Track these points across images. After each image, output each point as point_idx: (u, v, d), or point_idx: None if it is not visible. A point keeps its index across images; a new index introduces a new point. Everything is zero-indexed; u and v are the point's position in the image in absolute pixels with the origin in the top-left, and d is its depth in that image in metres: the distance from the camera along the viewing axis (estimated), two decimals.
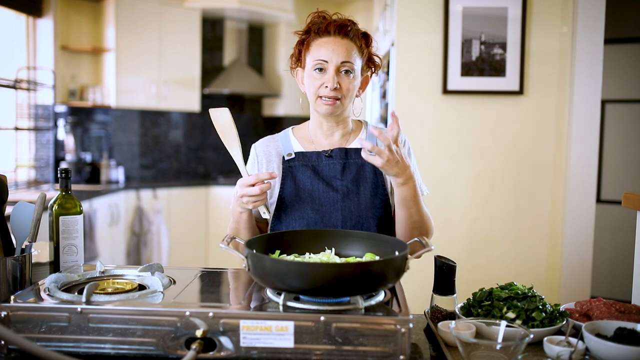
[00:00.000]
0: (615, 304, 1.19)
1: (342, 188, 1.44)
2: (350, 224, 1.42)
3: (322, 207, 1.43)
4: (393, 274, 1.04)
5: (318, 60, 1.42)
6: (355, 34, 1.45)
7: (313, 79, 1.43)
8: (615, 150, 4.09)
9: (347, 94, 1.43)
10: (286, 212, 1.44)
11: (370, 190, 1.44)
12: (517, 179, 2.84)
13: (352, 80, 1.43)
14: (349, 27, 1.44)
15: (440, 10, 2.77)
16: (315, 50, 1.43)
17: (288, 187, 1.45)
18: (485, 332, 1.05)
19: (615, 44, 3.96)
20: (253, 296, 1.10)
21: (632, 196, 1.57)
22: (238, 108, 5.82)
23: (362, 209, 1.43)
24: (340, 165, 1.46)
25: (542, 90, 2.79)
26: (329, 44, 1.42)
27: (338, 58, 1.40)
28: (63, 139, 4.70)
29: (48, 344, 1.00)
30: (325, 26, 1.43)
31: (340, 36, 1.43)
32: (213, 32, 5.58)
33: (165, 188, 4.86)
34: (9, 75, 4.11)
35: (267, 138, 1.57)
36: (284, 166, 1.48)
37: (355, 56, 1.44)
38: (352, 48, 1.43)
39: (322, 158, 1.48)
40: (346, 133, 1.51)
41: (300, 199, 1.44)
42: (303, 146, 1.51)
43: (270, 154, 1.52)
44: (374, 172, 1.46)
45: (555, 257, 2.82)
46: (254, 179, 1.29)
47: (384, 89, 3.41)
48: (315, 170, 1.46)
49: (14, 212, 1.30)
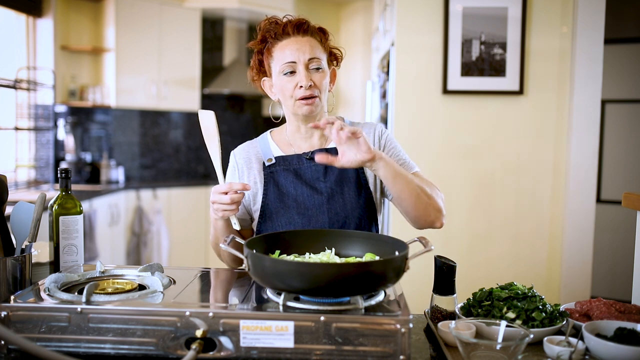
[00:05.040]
0: (615, 304, 1.19)
1: (326, 190, 1.43)
2: (337, 225, 1.41)
3: (308, 211, 1.41)
4: (393, 274, 1.04)
5: (285, 63, 1.39)
6: (313, 30, 1.44)
7: (285, 83, 1.40)
8: (615, 150, 4.08)
9: (322, 90, 1.41)
10: (272, 219, 1.42)
11: (354, 190, 1.43)
12: (517, 179, 2.84)
13: (323, 75, 1.41)
14: (306, 24, 1.43)
15: (440, 10, 2.77)
16: (278, 54, 1.41)
17: (271, 194, 1.43)
18: (485, 332, 1.05)
19: (615, 44, 3.96)
20: (253, 296, 1.10)
21: (632, 196, 1.57)
22: (238, 108, 5.82)
23: (348, 209, 1.42)
24: (322, 167, 1.44)
25: (542, 90, 2.79)
26: (292, 44, 1.40)
27: (305, 56, 1.39)
28: (63, 139, 4.70)
29: (48, 344, 1.00)
30: (282, 28, 1.42)
31: (300, 34, 1.41)
32: (213, 32, 5.58)
33: (165, 188, 4.86)
34: (9, 75, 4.11)
35: (246, 144, 1.54)
36: (265, 172, 1.45)
37: (319, 51, 1.42)
38: (314, 44, 1.41)
39: (303, 161, 1.45)
40: (324, 133, 1.49)
41: (285, 205, 1.42)
42: (282, 150, 1.49)
43: (250, 160, 1.49)
44: (356, 171, 1.45)
45: (555, 257, 2.82)
46: (226, 188, 1.27)
47: (384, 89, 3.41)
48: (297, 173, 1.44)
49: (14, 212, 1.30)
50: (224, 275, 1.28)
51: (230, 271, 1.32)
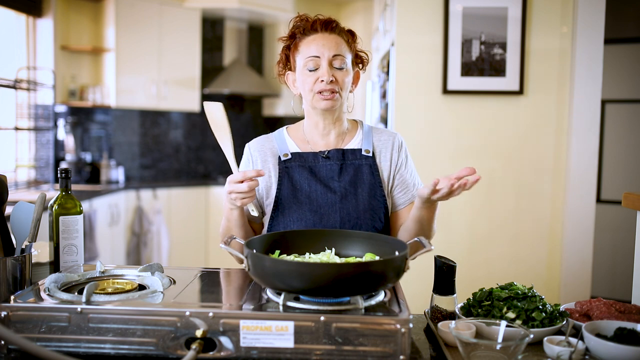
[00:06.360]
0: (615, 304, 1.19)
1: (340, 189, 1.44)
2: (348, 225, 1.41)
3: (320, 209, 1.42)
4: (393, 274, 1.04)
5: (309, 57, 1.42)
6: (341, 29, 1.47)
7: (307, 77, 1.43)
8: (615, 150, 4.08)
9: (343, 87, 1.43)
10: (284, 214, 1.43)
11: (368, 192, 1.44)
12: (517, 178, 2.84)
13: (345, 73, 1.43)
14: (334, 23, 1.46)
15: (440, 10, 2.77)
16: (304, 49, 1.43)
17: (285, 188, 1.44)
18: (485, 332, 1.05)
19: (615, 44, 3.96)
20: (253, 296, 1.10)
21: (632, 196, 1.57)
22: (238, 108, 5.82)
23: (360, 211, 1.42)
24: (337, 167, 1.46)
25: (542, 90, 2.79)
26: (318, 39, 1.42)
27: (329, 52, 1.41)
28: (63, 139, 4.70)
29: (48, 344, 1.00)
30: (311, 25, 1.44)
31: (328, 32, 1.44)
32: (213, 32, 5.58)
33: (165, 188, 4.86)
34: (9, 75, 4.11)
35: (261, 138, 1.55)
36: (280, 166, 1.47)
37: (345, 50, 1.44)
38: (340, 42, 1.43)
39: (319, 159, 1.47)
40: (342, 132, 1.50)
41: (298, 200, 1.43)
42: (299, 146, 1.50)
43: (265, 154, 1.50)
44: (371, 174, 1.46)
45: (555, 257, 2.82)
46: (242, 176, 1.28)
47: (384, 89, 3.41)
48: (312, 171, 1.46)
49: (14, 212, 1.30)
50: (224, 275, 1.28)
51: (231, 271, 1.32)
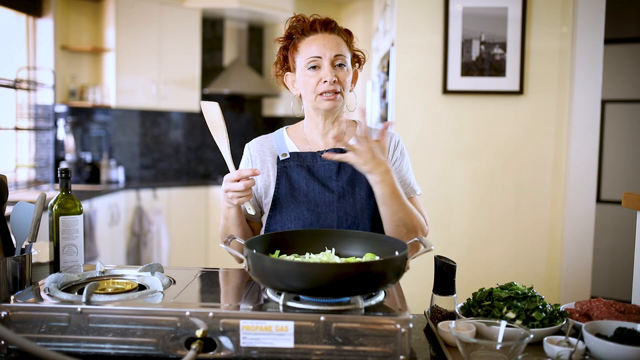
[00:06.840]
0: (615, 304, 1.19)
1: (337, 189, 1.44)
2: (346, 224, 1.41)
3: (318, 208, 1.42)
4: (393, 274, 1.04)
5: (311, 57, 1.41)
6: (339, 29, 1.47)
7: (309, 78, 1.42)
8: (615, 150, 4.08)
9: (345, 87, 1.43)
10: (282, 213, 1.44)
11: (365, 191, 1.44)
12: (517, 178, 2.84)
13: (346, 73, 1.43)
14: (333, 23, 1.46)
15: (440, 10, 2.77)
16: (305, 49, 1.43)
17: (283, 187, 1.45)
18: (485, 332, 1.05)
19: (615, 44, 3.96)
20: (253, 296, 1.10)
21: (632, 196, 1.57)
22: (238, 108, 5.82)
23: (358, 210, 1.42)
24: (335, 166, 1.46)
25: (542, 90, 2.79)
26: (319, 40, 1.42)
27: (331, 52, 1.41)
28: (63, 139, 4.70)
29: (48, 344, 1.00)
30: (310, 25, 1.44)
31: (328, 32, 1.44)
32: (213, 32, 5.58)
33: (165, 188, 4.86)
34: (9, 75, 4.11)
35: (260, 138, 1.56)
36: (279, 166, 1.47)
37: (345, 49, 1.44)
38: (340, 42, 1.44)
39: (317, 159, 1.47)
40: (340, 132, 1.51)
41: (296, 200, 1.43)
42: (297, 146, 1.51)
43: (264, 153, 1.51)
44: None
45: (555, 257, 2.82)
46: (237, 175, 1.29)
47: (384, 89, 3.41)
48: (311, 170, 1.46)
49: (14, 212, 1.30)
50: (224, 276, 1.28)
51: (230, 271, 1.32)
